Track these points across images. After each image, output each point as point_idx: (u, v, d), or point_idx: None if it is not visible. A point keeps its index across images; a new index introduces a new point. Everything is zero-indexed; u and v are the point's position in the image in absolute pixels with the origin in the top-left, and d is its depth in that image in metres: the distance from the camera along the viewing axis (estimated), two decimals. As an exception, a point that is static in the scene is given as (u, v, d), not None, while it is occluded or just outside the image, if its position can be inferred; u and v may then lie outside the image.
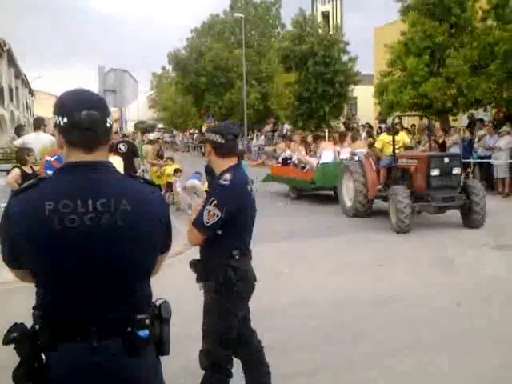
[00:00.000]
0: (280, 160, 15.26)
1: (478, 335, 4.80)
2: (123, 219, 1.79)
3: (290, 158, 14.47)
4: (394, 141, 10.33)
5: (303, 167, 13.50)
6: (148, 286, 2.00)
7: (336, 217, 11.17)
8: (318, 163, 12.97)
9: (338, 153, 13.40)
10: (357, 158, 11.73)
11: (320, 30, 29.76)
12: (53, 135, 13.09)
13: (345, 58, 29.12)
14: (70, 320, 1.80)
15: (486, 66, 16.41)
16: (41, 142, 8.77)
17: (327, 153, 13.14)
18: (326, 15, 54.78)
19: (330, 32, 30.61)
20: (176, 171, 14.12)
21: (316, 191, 13.52)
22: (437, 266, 7.04)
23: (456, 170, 9.33)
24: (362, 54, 52.54)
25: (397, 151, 10.45)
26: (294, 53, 28.24)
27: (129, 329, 1.82)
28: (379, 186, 10.61)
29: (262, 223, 4.37)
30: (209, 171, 3.42)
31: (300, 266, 7.40)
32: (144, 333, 1.84)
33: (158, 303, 2.00)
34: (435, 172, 9.23)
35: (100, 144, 1.86)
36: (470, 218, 9.22)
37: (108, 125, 1.86)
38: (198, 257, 3.29)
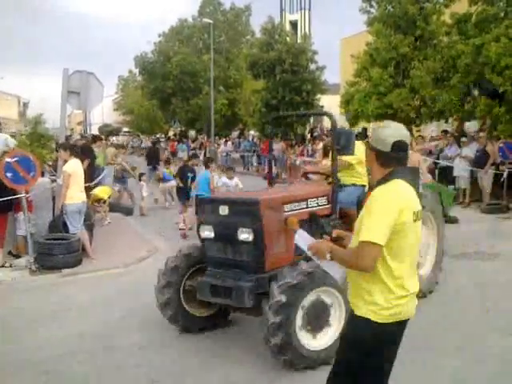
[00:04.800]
0: None
1: (439, 341, 4.87)
2: None
3: None
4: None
5: None
6: None
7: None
8: None
9: None
10: None
11: (288, 39, 30.00)
12: (12, 136, 12.76)
13: (312, 66, 29.41)
14: None
15: (448, 78, 16.85)
16: None
17: None
18: (294, 24, 55.35)
19: (298, 41, 30.90)
20: (141, 174, 13.98)
21: None
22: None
23: (244, 234, 4.58)
24: (329, 63, 53.35)
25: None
26: (262, 60, 28.37)
27: None
28: None
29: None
30: None
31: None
32: None
33: None
34: (206, 231, 4.92)
35: None
36: None
37: None
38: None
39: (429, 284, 6.12)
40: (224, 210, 4.74)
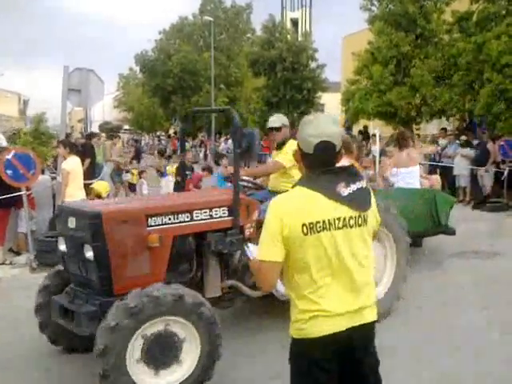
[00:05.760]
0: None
1: (439, 340, 4.87)
2: None
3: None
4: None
5: None
6: None
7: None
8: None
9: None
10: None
11: (289, 37, 29.98)
12: (14, 134, 12.76)
13: (313, 64, 29.39)
14: None
15: (449, 76, 16.85)
16: None
17: (405, 171, 7.96)
18: (295, 22, 55.31)
19: (299, 39, 30.88)
20: (141, 172, 13.93)
21: None
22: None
23: (88, 252, 3.98)
24: (330, 61, 53.28)
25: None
26: (263, 58, 28.36)
27: None
28: None
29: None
30: None
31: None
32: None
33: None
34: (62, 244, 4.37)
35: None
36: None
37: None
38: None
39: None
40: (72, 223, 4.12)
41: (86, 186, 8.99)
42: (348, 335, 2.33)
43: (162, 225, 4.13)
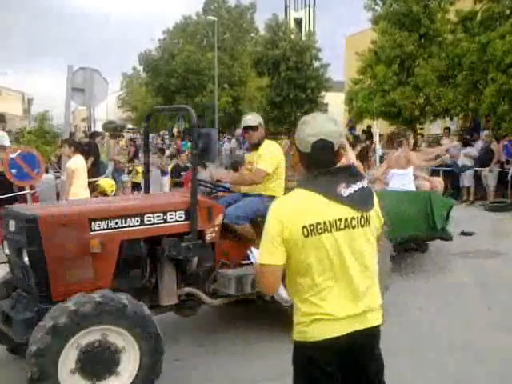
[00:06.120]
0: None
1: (439, 340, 4.88)
2: None
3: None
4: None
5: None
6: None
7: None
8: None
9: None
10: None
11: (293, 36, 29.98)
12: (17, 132, 12.81)
13: (317, 64, 29.38)
14: None
15: (453, 76, 16.82)
16: None
17: (399, 172, 7.80)
18: (298, 21, 55.28)
19: (303, 38, 30.89)
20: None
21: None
22: (399, 271, 7.13)
23: (26, 257, 3.86)
24: (333, 61, 53.23)
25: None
26: (267, 57, 28.37)
27: None
28: None
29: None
30: None
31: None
32: None
33: None
34: (6, 248, 4.24)
35: None
36: None
37: None
38: None
39: None
40: (12, 226, 3.96)
41: (91, 185, 9.04)
42: (351, 339, 2.30)
43: (108, 229, 3.96)
